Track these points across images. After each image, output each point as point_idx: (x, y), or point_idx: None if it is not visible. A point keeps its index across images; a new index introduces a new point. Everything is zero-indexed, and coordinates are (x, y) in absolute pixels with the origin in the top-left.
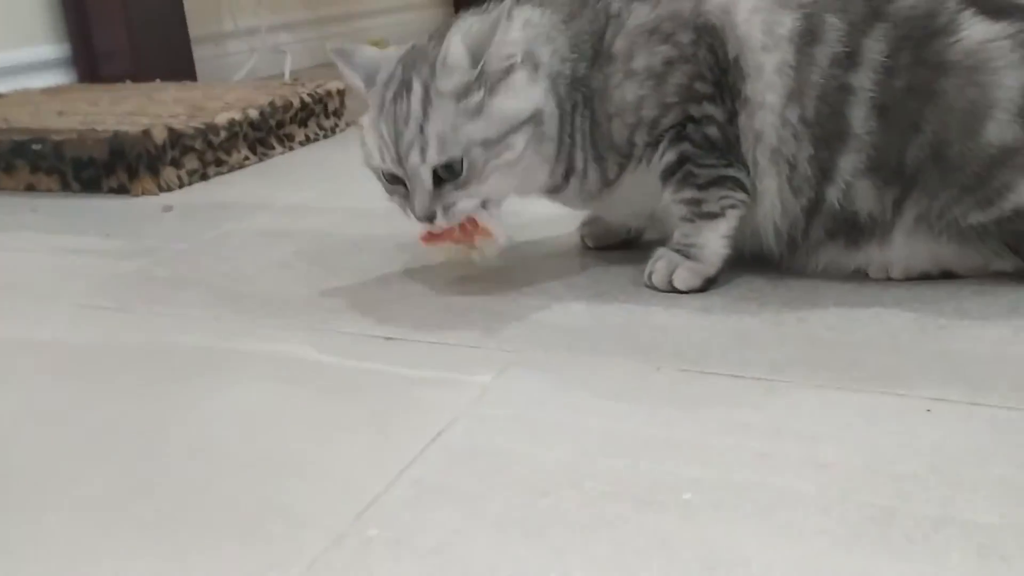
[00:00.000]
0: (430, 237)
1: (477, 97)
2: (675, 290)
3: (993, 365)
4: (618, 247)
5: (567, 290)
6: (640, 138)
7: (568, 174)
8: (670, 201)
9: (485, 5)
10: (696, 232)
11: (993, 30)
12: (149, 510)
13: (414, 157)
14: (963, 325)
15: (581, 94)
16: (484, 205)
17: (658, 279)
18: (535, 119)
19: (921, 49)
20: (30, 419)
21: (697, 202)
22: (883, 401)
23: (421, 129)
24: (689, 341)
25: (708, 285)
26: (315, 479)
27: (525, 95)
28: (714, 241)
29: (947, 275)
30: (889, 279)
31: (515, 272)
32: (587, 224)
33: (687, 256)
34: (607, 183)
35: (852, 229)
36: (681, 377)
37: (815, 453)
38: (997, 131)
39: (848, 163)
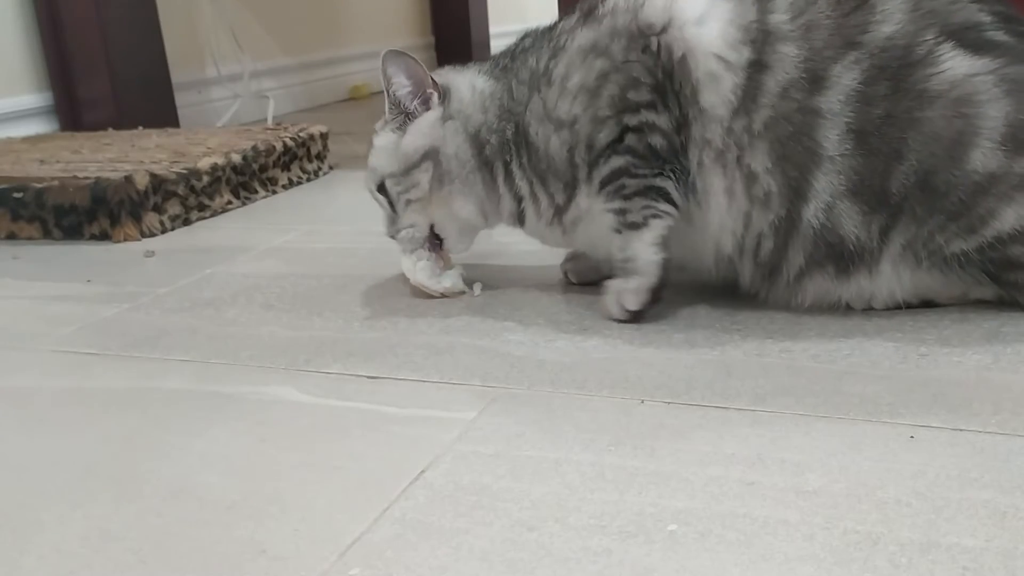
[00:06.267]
0: None
1: (395, 136)
2: (634, 314)
3: (975, 391)
4: (600, 282)
5: (550, 326)
6: (580, 157)
7: (520, 202)
8: (601, 210)
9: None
10: (626, 244)
11: (976, 65)
12: (127, 553)
13: (370, 186)
14: (944, 352)
15: (515, 139)
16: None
17: (615, 310)
18: (431, 156)
19: (900, 79)
20: (8, 463)
21: (623, 212)
22: (866, 429)
23: (368, 165)
24: (673, 374)
25: (656, 296)
26: (297, 519)
27: (424, 133)
28: (643, 250)
29: (927, 304)
30: (871, 309)
31: (498, 308)
32: (569, 260)
33: (627, 274)
34: (559, 210)
35: (840, 256)
36: (666, 409)
37: (800, 481)
38: (982, 159)
39: (824, 183)
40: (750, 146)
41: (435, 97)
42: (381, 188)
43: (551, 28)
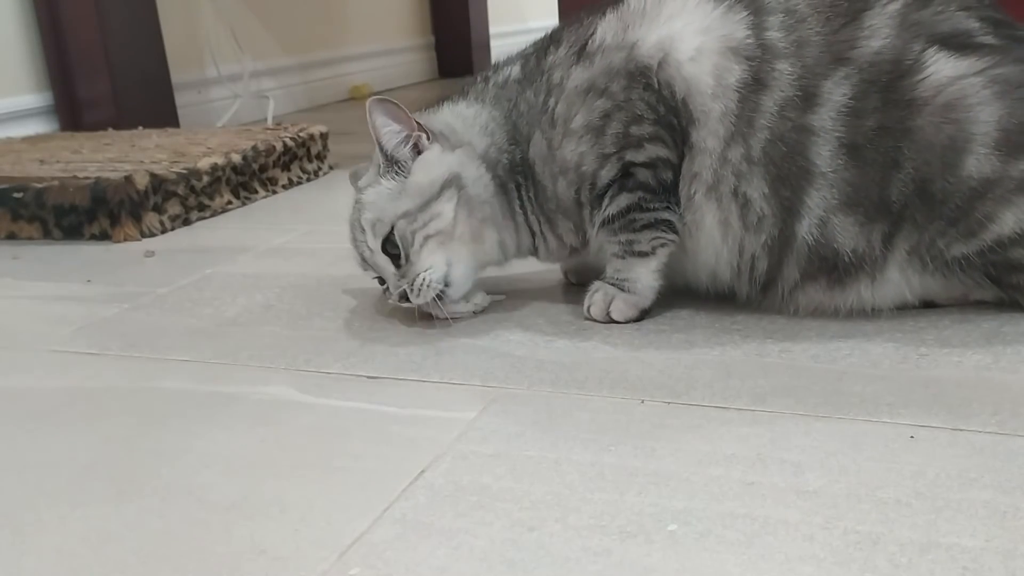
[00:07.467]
0: None
1: (396, 180)
2: (613, 321)
3: (974, 391)
4: None
5: (550, 326)
6: (584, 196)
7: (534, 237)
8: (604, 240)
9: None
10: (628, 268)
11: (961, 67)
12: (128, 553)
13: (366, 252)
14: (944, 353)
15: (522, 165)
16: (449, 278)
17: (596, 311)
18: (454, 183)
19: (891, 91)
20: (8, 463)
21: (631, 242)
22: (866, 428)
23: (361, 227)
24: (673, 374)
25: (643, 315)
26: (297, 519)
27: (437, 164)
28: (646, 276)
29: (927, 305)
30: (873, 308)
31: (498, 308)
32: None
33: (622, 289)
34: (572, 248)
35: (834, 268)
36: (666, 409)
37: (800, 481)
38: (976, 165)
39: (817, 199)
40: (748, 173)
41: (423, 139)
42: (388, 240)
43: (540, 57)
